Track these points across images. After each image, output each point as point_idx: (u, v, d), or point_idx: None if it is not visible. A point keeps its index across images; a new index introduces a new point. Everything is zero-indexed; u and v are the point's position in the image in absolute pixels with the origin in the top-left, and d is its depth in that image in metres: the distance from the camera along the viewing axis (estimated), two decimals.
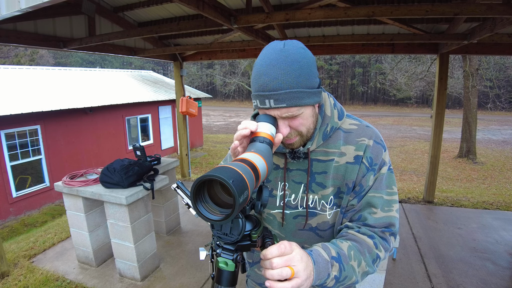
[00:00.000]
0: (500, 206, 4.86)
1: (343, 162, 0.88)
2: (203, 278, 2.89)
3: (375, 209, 0.86)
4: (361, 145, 0.88)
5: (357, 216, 0.88)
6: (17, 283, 2.84)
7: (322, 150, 0.90)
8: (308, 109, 0.81)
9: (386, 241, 0.87)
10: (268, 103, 0.76)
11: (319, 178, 0.89)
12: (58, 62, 32.39)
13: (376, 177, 0.87)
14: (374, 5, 2.88)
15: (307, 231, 0.93)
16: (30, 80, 8.70)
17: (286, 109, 0.76)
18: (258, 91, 0.77)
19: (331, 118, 0.90)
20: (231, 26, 3.09)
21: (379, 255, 0.84)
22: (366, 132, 0.90)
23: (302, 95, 0.76)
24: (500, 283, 2.78)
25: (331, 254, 0.76)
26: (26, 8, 1.75)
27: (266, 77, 0.75)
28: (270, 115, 0.80)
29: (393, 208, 0.88)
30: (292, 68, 0.74)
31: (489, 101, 16.08)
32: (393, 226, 0.88)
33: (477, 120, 10.09)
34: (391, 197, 0.89)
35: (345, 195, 0.88)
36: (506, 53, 4.20)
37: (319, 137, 0.89)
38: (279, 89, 0.74)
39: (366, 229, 0.86)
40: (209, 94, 17.26)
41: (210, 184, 0.59)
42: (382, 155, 0.88)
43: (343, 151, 0.89)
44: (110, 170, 2.71)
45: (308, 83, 0.76)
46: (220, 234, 0.68)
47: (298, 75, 0.74)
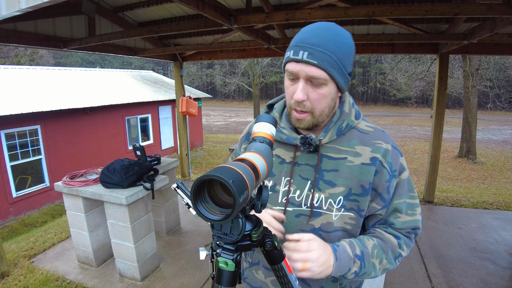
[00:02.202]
0: (500, 206, 4.86)
1: (358, 162, 0.85)
2: (203, 278, 2.89)
3: (400, 214, 0.89)
4: (378, 148, 0.86)
5: (384, 221, 0.91)
6: (17, 283, 2.84)
7: (334, 147, 0.87)
8: (332, 88, 0.79)
9: (410, 240, 0.92)
10: (301, 54, 0.75)
11: (328, 176, 0.86)
12: (58, 62, 32.39)
13: (397, 183, 0.88)
14: (374, 5, 2.88)
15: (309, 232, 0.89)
16: (30, 80, 8.70)
17: (315, 68, 0.75)
18: (297, 43, 0.77)
19: (348, 115, 0.89)
20: (231, 26, 3.09)
21: (401, 253, 0.90)
22: (383, 136, 0.89)
23: (335, 65, 0.76)
24: (500, 283, 2.78)
25: (355, 252, 0.82)
26: (26, 8, 1.75)
27: (309, 33, 0.76)
28: (270, 116, 0.80)
29: (417, 211, 0.92)
30: (336, 38, 0.76)
31: (489, 101, 16.08)
32: (418, 228, 0.92)
33: (477, 120, 10.09)
34: (413, 201, 0.91)
35: (361, 197, 0.85)
36: (506, 53, 4.19)
37: (333, 131, 0.87)
38: (319, 45, 0.74)
39: (392, 230, 0.91)
40: (209, 94, 17.27)
41: (210, 184, 0.59)
42: (399, 160, 0.88)
43: (358, 151, 0.86)
44: (110, 170, 2.71)
45: (344, 61, 0.77)
46: (220, 234, 0.68)
47: (339, 47, 0.76)
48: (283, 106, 0.97)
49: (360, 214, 0.87)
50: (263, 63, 16.17)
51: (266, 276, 0.97)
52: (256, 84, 15.76)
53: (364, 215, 0.88)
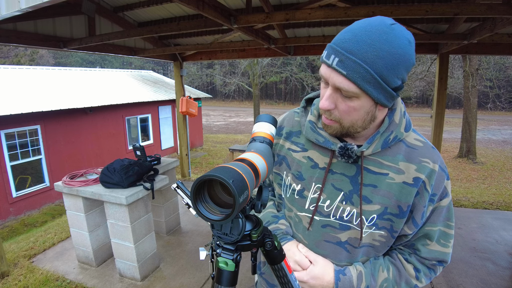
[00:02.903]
0: (500, 206, 4.86)
1: (400, 180, 0.77)
2: (203, 278, 2.89)
3: (430, 241, 0.82)
4: (424, 167, 0.77)
5: (410, 244, 0.85)
6: (17, 283, 2.84)
7: (377, 160, 0.78)
8: (366, 101, 0.68)
9: (434, 272, 0.85)
10: (332, 60, 0.65)
11: (364, 191, 0.78)
12: (58, 62, 32.39)
13: (435, 208, 0.80)
14: (374, 5, 2.88)
15: (334, 245, 0.84)
16: (30, 80, 8.70)
17: (343, 78, 0.65)
18: (334, 43, 0.67)
19: (398, 126, 0.77)
20: (231, 26, 3.09)
21: (417, 285, 0.84)
22: (432, 154, 0.78)
23: (370, 79, 0.64)
24: (500, 283, 2.78)
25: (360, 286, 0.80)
26: (26, 8, 1.75)
27: (350, 34, 0.65)
28: (270, 115, 0.80)
29: (449, 244, 0.83)
30: (383, 46, 0.62)
31: (489, 101, 16.09)
32: (446, 262, 0.84)
33: (477, 120, 10.09)
34: (449, 231, 0.82)
35: (397, 218, 0.78)
36: (506, 53, 4.20)
37: (378, 143, 0.77)
38: (353, 53, 0.63)
39: (415, 259, 0.84)
40: (209, 94, 17.27)
41: (210, 184, 0.59)
42: (444, 183, 0.79)
43: (401, 168, 0.77)
44: (110, 170, 2.71)
45: (387, 74, 0.64)
46: (220, 234, 0.68)
47: (382, 58, 0.62)
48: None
49: (392, 235, 0.81)
50: (263, 63, 16.17)
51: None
52: (256, 84, 15.76)
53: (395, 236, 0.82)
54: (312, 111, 0.87)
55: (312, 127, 0.84)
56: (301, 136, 0.90)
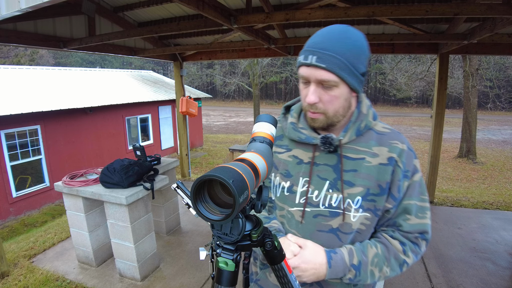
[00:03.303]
0: (500, 206, 4.86)
1: (376, 163, 0.86)
2: (203, 278, 2.89)
3: (409, 215, 0.89)
4: (394, 148, 0.87)
5: (392, 222, 0.91)
6: (17, 283, 2.84)
7: (353, 148, 0.88)
8: (344, 88, 0.80)
9: (418, 246, 0.91)
10: (310, 58, 0.77)
11: (347, 176, 0.86)
12: (58, 62, 32.39)
13: (409, 184, 0.88)
14: (374, 5, 2.88)
15: (327, 233, 0.89)
16: (30, 80, 8.70)
17: (324, 71, 0.77)
18: (307, 47, 0.80)
19: (366, 116, 0.90)
20: (231, 26, 3.09)
21: (406, 261, 0.89)
22: (399, 137, 0.90)
23: (344, 67, 0.77)
24: (500, 283, 2.78)
25: (352, 262, 0.85)
26: (26, 8, 1.75)
27: (319, 38, 0.79)
28: (270, 115, 0.81)
29: (426, 215, 0.90)
30: (346, 41, 0.77)
31: (489, 101, 16.08)
32: (427, 232, 0.91)
33: (477, 120, 10.10)
34: (424, 204, 0.90)
35: (378, 196, 0.86)
36: (506, 53, 4.20)
37: (352, 131, 0.88)
38: (327, 49, 0.76)
39: (399, 235, 0.90)
40: (209, 94, 17.26)
41: (210, 184, 0.59)
42: (413, 161, 0.89)
43: (375, 151, 0.87)
44: (110, 170, 2.71)
45: (355, 62, 0.78)
46: (220, 234, 0.68)
47: (349, 49, 0.77)
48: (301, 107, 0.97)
49: (376, 213, 0.88)
50: (263, 63, 16.17)
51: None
52: (256, 84, 15.76)
53: (379, 214, 0.89)
54: (291, 114, 0.97)
55: (294, 127, 0.93)
56: (284, 139, 0.99)
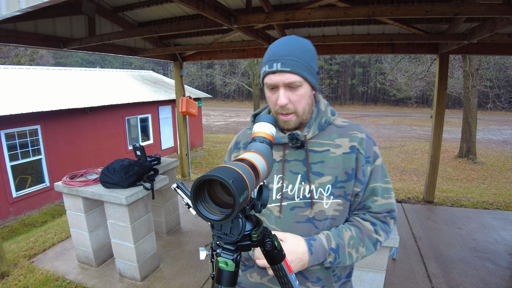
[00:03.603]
0: (500, 206, 4.86)
1: (340, 153, 0.95)
2: (203, 278, 2.89)
3: (376, 197, 0.97)
4: (354, 137, 0.97)
5: (362, 205, 0.99)
6: (17, 283, 2.84)
7: (317, 142, 0.97)
8: (307, 87, 0.91)
9: (387, 225, 1.00)
10: (275, 66, 0.86)
11: (315, 168, 0.95)
12: (58, 62, 32.38)
13: (372, 168, 0.97)
14: (374, 5, 2.88)
15: (304, 223, 0.95)
16: (30, 80, 8.70)
17: (289, 74, 0.86)
18: (269, 58, 0.88)
19: (325, 112, 1.00)
20: (231, 26, 3.09)
21: (378, 239, 0.98)
22: (358, 128, 1.01)
23: (305, 68, 0.87)
24: (500, 283, 2.78)
25: (330, 246, 0.91)
26: (26, 8, 1.75)
27: (277, 48, 0.89)
28: (270, 116, 0.81)
29: (391, 195, 1.00)
30: (300, 46, 0.89)
31: (489, 101, 16.08)
32: (394, 211, 1.00)
33: (477, 120, 10.09)
34: (388, 185, 1.00)
35: (346, 182, 0.94)
36: (506, 53, 4.19)
37: (314, 127, 0.97)
38: (288, 55, 0.86)
39: (370, 216, 0.99)
40: (209, 94, 17.26)
41: (210, 184, 0.59)
42: (373, 148, 0.99)
43: (338, 143, 0.97)
44: (110, 170, 2.71)
45: (311, 63, 0.89)
46: (220, 234, 0.68)
47: (304, 53, 0.88)
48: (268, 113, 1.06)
49: (347, 198, 0.96)
50: None
51: (262, 276, 1.00)
52: (256, 84, 15.76)
53: (350, 199, 0.97)
54: None
55: None
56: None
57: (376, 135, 15.96)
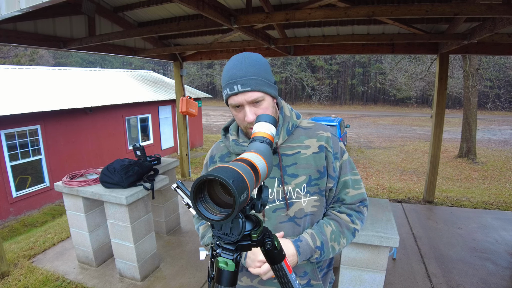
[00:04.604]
0: (500, 206, 4.86)
1: (310, 153, 1.02)
2: (203, 278, 2.89)
3: (348, 189, 1.05)
4: (321, 136, 1.04)
5: (336, 198, 1.07)
6: (17, 283, 2.84)
7: (288, 146, 1.03)
8: (269, 99, 0.96)
9: (361, 213, 1.08)
10: (236, 88, 0.91)
11: (290, 170, 1.01)
12: (58, 62, 32.38)
13: (341, 163, 1.05)
14: (374, 5, 2.87)
15: (287, 223, 1.01)
16: (30, 80, 8.70)
17: (251, 92, 0.91)
18: (228, 81, 0.92)
19: (290, 117, 1.06)
20: (231, 26, 3.09)
21: (355, 228, 1.06)
22: (323, 128, 1.07)
23: (263, 83, 0.93)
24: (500, 283, 2.78)
25: (316, 244, 0.98)
26: (26, 8, 1.75)
27: (234, 70, 0.92)
28: (270, 116, 0.81)
29: (361, 185, 1.09)
30: (253, 64, 0.93)
31: (489, 101, 16.08)
32: (365, 200, 1.09)
33: (477, 120, 10.09)
34: (357, 177, 1.08)
35: (320, 179, 1.01)
36: (506, 53, 4.19)
37: (283, 133, 1.03)
38: (245, 76, 0.91)
39: (345, 208, 1.06)
40: (209, 94, 17.25)
41: (210, 184, 0.59)
42: (339, 145, 1.06)
43: (307, 144, 1.03)
44: (110, 170, 2.71)
45: (267, 76, 0.95)
46: (220, 234, 0.68)
47: (259, 69, 0.93)
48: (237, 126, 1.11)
49: (322, 194, 1.03)
50: None
51: (252, 279, 1.04)
52: None
53: (325, 194, 1.04)
54: (231, 133, 1.10)
55: (236, 143, 1.05)
56: (231, 155, 1.10)
57: (376, 135, 15.96)
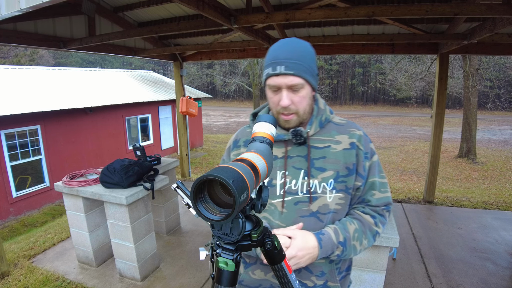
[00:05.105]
0: (500, 206, 4.86)
1: (340, 149, 0.99)
2: (203, 278, 2.89)
3: (374, 191, 1.03)
4: (353, 134, 1.01)
5: (361, 199, 1.04)
6: (17, 283, 2.84)
7: (318, 139, 1.00)
8: (308, 89, 0.94)
9: (384, 217, 1.06)
10: (279, 68, 0.88)
11: (318, 163, 0.98)
12: (58, 62, 32.38)
13: (370, 164, 1.02)
14: (374, 5, 2.88)
15: (308, 217, 0.97)
16: (30, 80, 8.70)
17: (293, 77, 0.88)
18: (272, 60, 0.90)
19: (324, 110, 1.04)
20: (231, 26, 3.09)
21: (378, 231, 1.03)
22: (355, 126, 1.05)
23: (307, 70, 0.90)
24: (500, 283, 2.78)
25: (339, 239, 0.95)
26: (26, 8, 1.75)
27: (280, 51, 0.90)
28: (270, 116, 0.81)
29: (388, 189, 1.06)
30: (301, 50, 0.91)
31: (489, 101, 16.08)
32: (390, 204, 1.07)
33: (477, 120, 10.09)
34: (384, 180, 1.06)
35: (348, 177, 0.98)
36: (506, 53, 4.19)
37: (316, 124, 1.01)
38: (290, 58, 0.88)
39: (369, 209, 1.04)
40: (209, 94, 17.26)
41: (210, 184, 0.59)
42: (370, 145, 1.04)
43: (338, 139, 1.00)
44: (110, 170, 2.71)
45: (312, 65, 0.92)
46: (220, 234, 0.68)
47: (305, 56, 0.91)
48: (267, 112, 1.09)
49: (348, 192, 1.00)
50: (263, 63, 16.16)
51: (266, 273, 1.00)
52: (256, 84, 15.76)
53: (351, 192, 1.00)
54: None
55: None
56: None
57: (376, 135, 15.96)
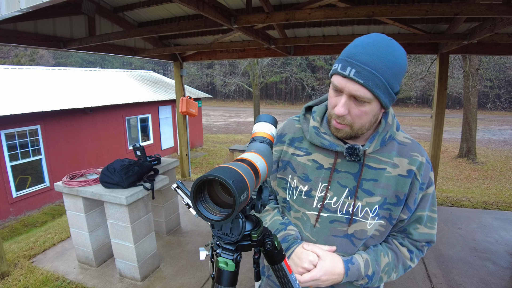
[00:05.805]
0: (500, 206, 4.86)
1: (395, 173, 0.87)
2: (203, 278, 2.89)
3: (419, 225, 0.93)
4: (414, 160, 0.88)
5: (403, 229, 0.95)
6: (17, 283, 2.84)
7: (375, 157, 0.88)
8: (376, 105, 0.78)
9: (422, 252, 0.97)
10: (348, 71, 0.74)
11: (366, 185, 0.87)
12: (58, 62, 32.37)
13: (423, 195, 0.90)
14: (374, 5, 2.87)
15: (341, 238, 0.90)
16: (30, 80, 8.70)
17: (359, 86, 0.74)
18: (347, 57, 0.76)
19: (391, 126, 0.89)
20: (231, 26, 3.09)
21: (411, 266, 0.96)
22: (419, 149, 0.91)
23: (381, 85, 0.74)
24: (500, 283, 2.78)
25: (367, 272, 0.88)
26: (26, 8, 1.75)
27: (361, 49, 0.74)
28: (271, 116, 0.81)
29: (435, 225, 0.95)
30: (387, 59, 0.73)
31: (489, 101, 16.08)
32: (433, 242, 0.97)
33: (477, 120, 10.09)
34: (434, 215, 0.94)
35: (395, 206, 0.88)
36: (506, 53, 4.19)
37: (377, 142, 0.87)
38: (367, 65, 0.73)
39: (408, 243, 0.95)
40: (209, 94, 17.26)
41: (210, 184, 0.59)
42: (429, 174, 0.91)
43: (396, 162, 0.88)
44: (110, 170, 2.71)
45: (392, 81, 0.75)
46: (220, 234, 0.68)
47: (388, 68, 0.74)
48: (325, 110, 0.96)
49: (391, 222, 0.90)
50: (263, 63, 16.16)
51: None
52: (256, 84, 15.75)
53: (393, 222, 0.91)
54: (314, 117, 0.95)
55: (317, 132, 0.91)
56: (303, 141, 0.97)
57: None
